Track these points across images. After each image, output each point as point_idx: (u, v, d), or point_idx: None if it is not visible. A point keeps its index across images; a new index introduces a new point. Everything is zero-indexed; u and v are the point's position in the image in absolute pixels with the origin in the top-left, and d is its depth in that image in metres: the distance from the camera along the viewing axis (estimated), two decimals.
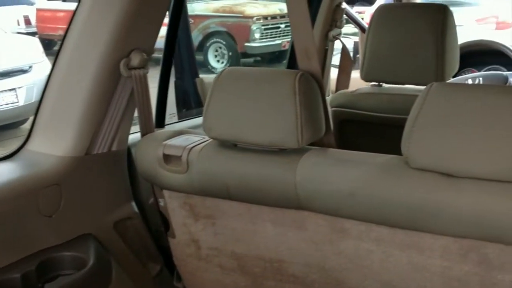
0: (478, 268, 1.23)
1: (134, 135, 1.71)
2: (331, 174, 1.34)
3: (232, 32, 9.21)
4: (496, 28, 6.72)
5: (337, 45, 2.71)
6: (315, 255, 1.44)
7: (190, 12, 5.93)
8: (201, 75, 3.16)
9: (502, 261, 1.19)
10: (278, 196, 1.40)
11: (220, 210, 1.53)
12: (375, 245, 1.33)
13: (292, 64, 2.58)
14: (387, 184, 1.27)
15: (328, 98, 2.46)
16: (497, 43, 3.01)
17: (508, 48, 2.94)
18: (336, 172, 1.34)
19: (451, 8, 2.06)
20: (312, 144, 1.43)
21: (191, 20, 7.18)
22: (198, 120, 1.50)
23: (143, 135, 1.63)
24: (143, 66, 1.58)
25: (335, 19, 2.57)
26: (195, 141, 1.53)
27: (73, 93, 1.54)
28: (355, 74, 2.31)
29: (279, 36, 9.23)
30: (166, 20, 1.77)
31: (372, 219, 1.31)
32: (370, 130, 2.18)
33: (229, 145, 1.47)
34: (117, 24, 1.48)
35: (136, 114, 1.64)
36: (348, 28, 4.13)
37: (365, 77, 2.11)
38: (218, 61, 9.31)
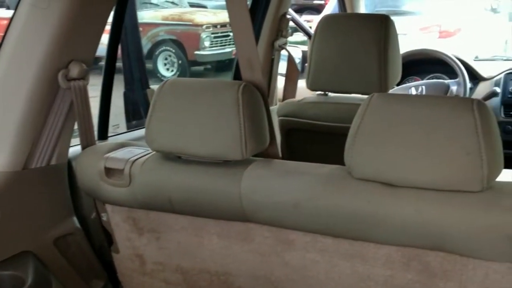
0: (421, 276, 1.24)
1: (75, 148, 1.67)
2: (275, 186, 1.33)
3: (181, 40, 9.16)
4: (439, 37, 6.91)
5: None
6: (261, 267, 1.43)
7: (138, 20, 5.85)
8: (152, 86, 3.11)
9: (444, 269, 1.21)
10: (223, 209, 1.39)
11: (164, 223, 1.50)
12: (320, 255, 1.33)
13: (238, 74, 2.57)
14: (331, 195, 1.27)
15: (275, 107, 2.47)
16: (439, 52, 3.08)
17: (450, 57, 3.01)
18: (280, 183, 1.33)
19: (396, 17, 2.10)
20: (256, 155, 1.42)
21: (139, 28, 7.11)
22: (143, 132, 1.47)
23: (83, 148, 1.59)
24: (83, 77, 1.53)
25: (281, 28, 2.59)
26: (138, 154, 1.50)
27: (9, 105, 1.48)
28: (303, 83, 2.32)
29: (229, 44, 9.23)
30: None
31: (317, 230, 1.31)
32: (317, 139, 2.20)
33: (172, 157, 1.44)
34: (54, 35, 1.44)
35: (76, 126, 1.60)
36: (298, 36, 4.17)
37: (311, 86, 2.13)
38: (167, 69, 9.23)
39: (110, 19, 1.79)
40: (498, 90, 2.90)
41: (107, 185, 1.48)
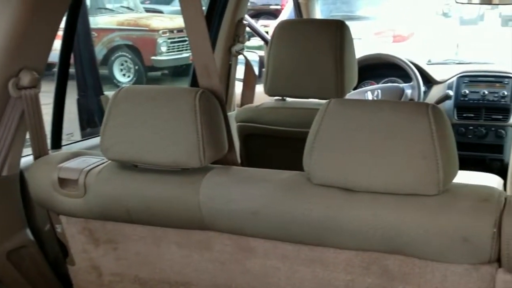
0: (380, 279, 1.25)
1: (28, 158, 1.61)
2: (234, 193, 1.32)
3: (138, 45, 9.05)
4: (393, 41, 7.05)
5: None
6: (222, 275, 1.41)
7: (93, 26, 5.76)
8: (106, 92, 3.06)
9: (403, 272, 1.22)
10: (182, 217, 1.37)
11: (121, 234, 1.47)
12: (281, 262, 1.33)
13: (195, 81, 2.55)
14: (290, 201, 1.27)
15: (233, 113, 2.46)
16: (394, 56, 3.13)
17: (404, 61, 3.07)
18: (240, 190, 1.32)
19: (351, 22, 2.12)
20: (215, 162, 1.41)
21: (94, 34, 6.99)
22: (98, 140, 1.43)
23: (36, 158, 1.54)
24: (34, 85, 1.49)
25: (238, 34, 2.58)
26: (93, 163, 1.46)
27: None
28: (261, 88, 2.32)
29: (186, 49, 9.18)
30: None
31: (277, 236, 1.31)
32: (275, 144, 2.20)
33: (129, 166, 1.42)
34: (3, 42, 1.39)
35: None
36: (255, 41, 4.17)
37: (269, 92, 2.13)
38: (124, 75, 9.12)
39: (62, 25, 1.75)
40: (451, 93, 2.97)
41: (61, 196, 1.45)
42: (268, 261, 1.34)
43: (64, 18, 1.86)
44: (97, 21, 8.83)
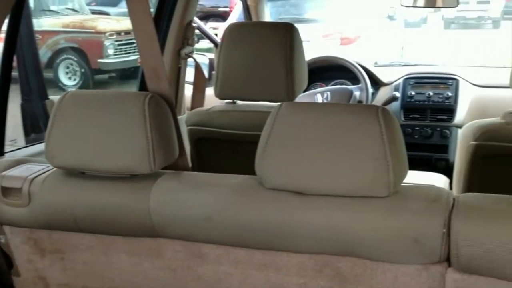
0: (333, 282, 1.25)
1: None
2: (186, 199, 1.30)
3: (84, 48, 8.87)
4: (341, 44, 7.16)
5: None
6: (174, 282, 1.39)
7: (37, 28, 5.60)
8: (51, 96, 2.96)
9: (355, 274, 1.23)
10: (132, 225, 1.34)
11: (68, 243, 1.42)
12: (233, 267, 1.32)
13: (144, 85, 2.51)
14: (243, 206, 1.26)
15: (183, 117, 2.43)
16: (342, 58, 3.17)
17: (352, 63, 3.11)
18: (191, 196, 1.30)
19: (299, 25, 2.12)
20: (166, 167, 1.38)
21: (38, 36, 6.80)
22: (43, 146, 1.38)
23: None
24: None
25: (187, 36, 2.55)
26: (38, 171, 1.41)
27: None
28: (211, 91, 2.30)
29: (134, 52, 9.05)
30: None
31: (229, 241, 1.30)
32: (227, 147, 2.18)
33: (75, 173, 1.38)
34: None
35: None
36: (204, 44, 4.15)
37: (219, 95, 2.11)
38: (69, 78, 8.92)
39: (4, 27, 1.69)
40: (398, 94, 3.03)
41: (4, 205, 1.39)
42: (220, 267, 1.33)
43: (7, 20, 1.79)
44: (41, 23, 8.60)
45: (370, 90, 3.05)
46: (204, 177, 1.38)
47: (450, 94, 2.99)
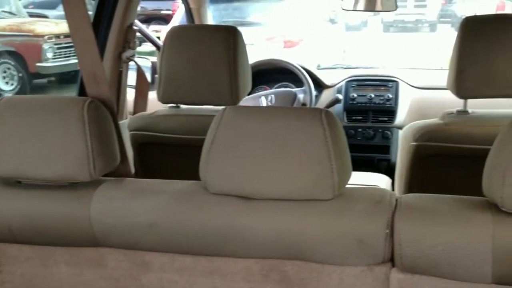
0: (279, 286, 1.25)
1: None
2: (128, 206, 1.27)
3: (21, 51, 8.59)
4: (284, 47, 7.21)
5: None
6: None
7: None
8: None
9: (301, 277, 1.23)
10: (72, 235, 1.30)
11: (5, 255, 1.36)
12: (178, 275, 1.29)
13: (83, 89, 2.45)
14: (187, 211, 1.24)
15: (126, 122, 2.38)
16: (285, 61, 3.18)
17: (295, 66, 3.13)
18: (134, 203, 1.27)
19: (242, 28, 2.12)
20: (107, 174, 1.35)
21: None
22: None
23: None
24: None
25: (128, 39, 2.50)
26: None
27: None
28: (154, 95, 2.26)
29: (74, 55, 8.84)
30: None
31: (174, 249, 1.27)
32: (172, 152, 2.16)
33: (11, 182, 1.32)
34: None
35: None
36: (146, 47, 4.08)
37: (162, 99, 2.08)
38: (7, 83, 8.63)
39: None
40: (341, 97, 3.07)
41: None
42: (164, 274, 1.30)
43: None
44: None
45: (314, 92, 3.07)
46: (147, 183, 1.35)
47: (390, 96, 3.05)
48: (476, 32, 1.88)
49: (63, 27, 8.87)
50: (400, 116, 3.02)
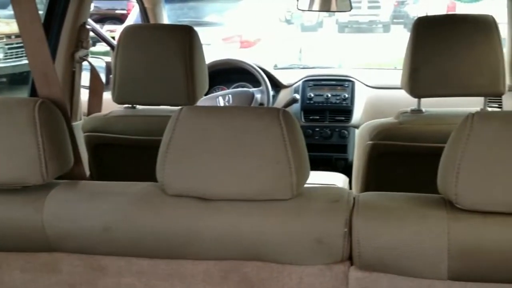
0: (239, 287, 1.24)
1: None
2: (83, 209, 1.24)
3: None
4: (241, 47, 7.20)
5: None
6: None
7: None
8: None
9: (261, 278, 1.22)
10: (24, 239, 1.26)
11: None
12: (136, 279, 1.27)
13: (35, 91, 2.38)
14: (144, 214, 1.22)
15: (80, 123, 2.33)
16: (242, 61, 3.18)
17: (252, 66, 3.13)
18: (89, 206, 1.25)
19: (199, 28, 2.10)
20: (60, 177, 1.31)
21: None
22: None
23: None
24: None
25: (81, 39, 2.45)
26: None
27: None
28: (109, 96, 2.22)
29: (26, 56, 8.62)
30: None
31: (131, 252, 1.25)
32: (128, 154, 2.12)
33: None
34: None
35: None
36: (101, 47, 4.01)
37: (117, 99, 2.05)
38: None
39: None
40: (298, 96, 3.08)
41: None
42: (122, 279, 1.28)
43: None
44: None
45: (271, 92, 3.08)
46: (102, 186, 1.32)
47: (346, 95, 3.09)
48: (428, 32, 1.92)
49: (14, 27, 8.64)
50: (357, 115, 3.05)
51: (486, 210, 1.12)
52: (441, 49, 1.89)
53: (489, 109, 2.15)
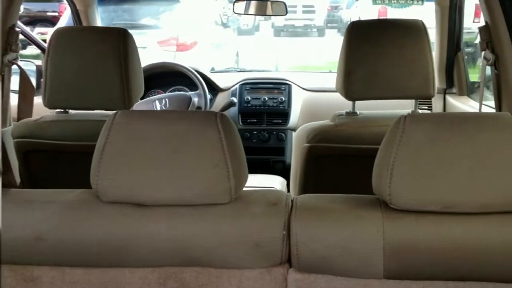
0: None
1: None
2: (13, 219, 1.19)
3: None
4: (177, 50, 7.13)
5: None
6: None
7: None
8: None
9: (200, 283, 1.21)
10: None
11: None
12: None
13: None
14: (78, 222, 1.19)
15: (9, 129, 2.24)
16: (179, 65, 3.15)
17: (189, 70, 3.10)
18: (19, 215, 1.20)
19: (134, 31, 2.07)
20: None
21: None
22: None
23: None
24: None
25: (10, 42, 2.36)
26: None
27: None
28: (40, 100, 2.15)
29: None
30: None
31: (65, 262, 1.21)
32: (60, 160, 2.06)
33: None
34: None
35: None
36: (32, 50, 3.88)
37: (48, 104, 1.98)
38: None
39: None
40: (235, 100, 3.09)
41: None
42: None
43: None
44: None
45: (208, 96, 3.07)
46: (33, 194, 1.27)
47: (283, 98, 3.12)
48: (361, 37, 1.97)
49: None
50: (293, 118, 3.08)
51: (419, 209, 1.15)
52: (373, 53, 1.94)
53: (420, 111, 2.22)
